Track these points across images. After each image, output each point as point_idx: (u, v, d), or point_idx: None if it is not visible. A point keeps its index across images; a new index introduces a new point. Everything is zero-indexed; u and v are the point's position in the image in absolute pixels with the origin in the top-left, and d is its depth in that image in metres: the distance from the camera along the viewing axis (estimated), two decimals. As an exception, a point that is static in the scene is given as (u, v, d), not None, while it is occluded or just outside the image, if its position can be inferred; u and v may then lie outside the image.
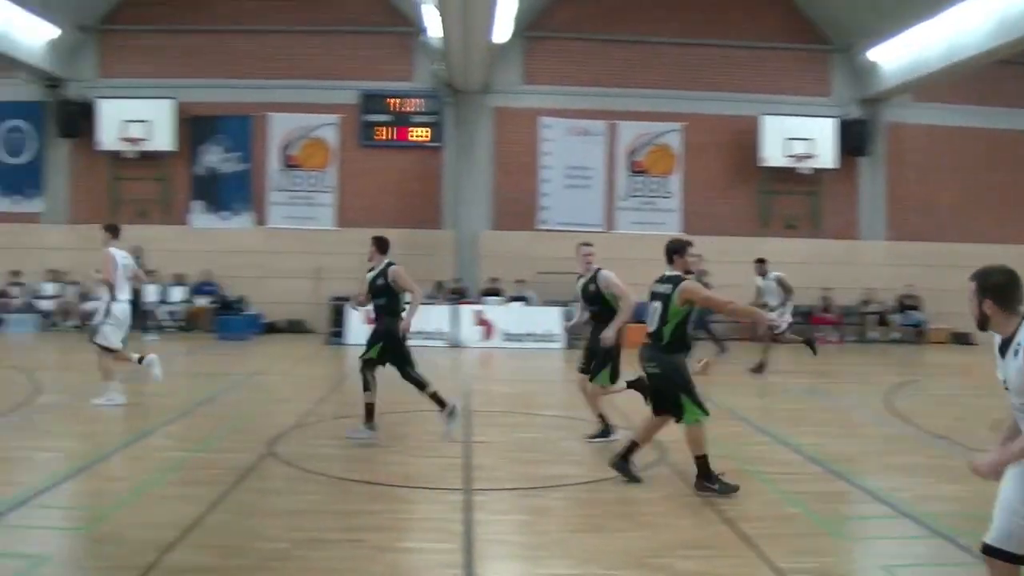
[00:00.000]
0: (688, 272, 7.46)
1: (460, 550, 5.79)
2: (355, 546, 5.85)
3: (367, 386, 9.12)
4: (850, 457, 8.81)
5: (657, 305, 7.33)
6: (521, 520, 6.66)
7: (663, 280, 7.38)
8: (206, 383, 13.60)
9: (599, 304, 9.08)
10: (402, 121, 22.00)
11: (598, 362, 9.01)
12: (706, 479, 7.19)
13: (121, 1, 22.20)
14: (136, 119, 21.54)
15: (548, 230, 22.08)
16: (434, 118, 22.02)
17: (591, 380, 9.16)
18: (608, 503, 7.02)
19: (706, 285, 11.90)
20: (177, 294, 21.40)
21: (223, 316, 20.77)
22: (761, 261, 15.81)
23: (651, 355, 7.38)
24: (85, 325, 17.22)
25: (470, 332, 19.38)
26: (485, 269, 21.73)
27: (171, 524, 6.13)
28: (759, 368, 15.08)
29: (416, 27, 21.19)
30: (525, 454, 8.83)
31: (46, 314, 21.33)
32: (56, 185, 22.44)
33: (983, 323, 4.04)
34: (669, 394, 7.28)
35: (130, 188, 22.28)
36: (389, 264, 9.27)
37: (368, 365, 9.16)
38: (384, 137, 22.02)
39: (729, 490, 7.12)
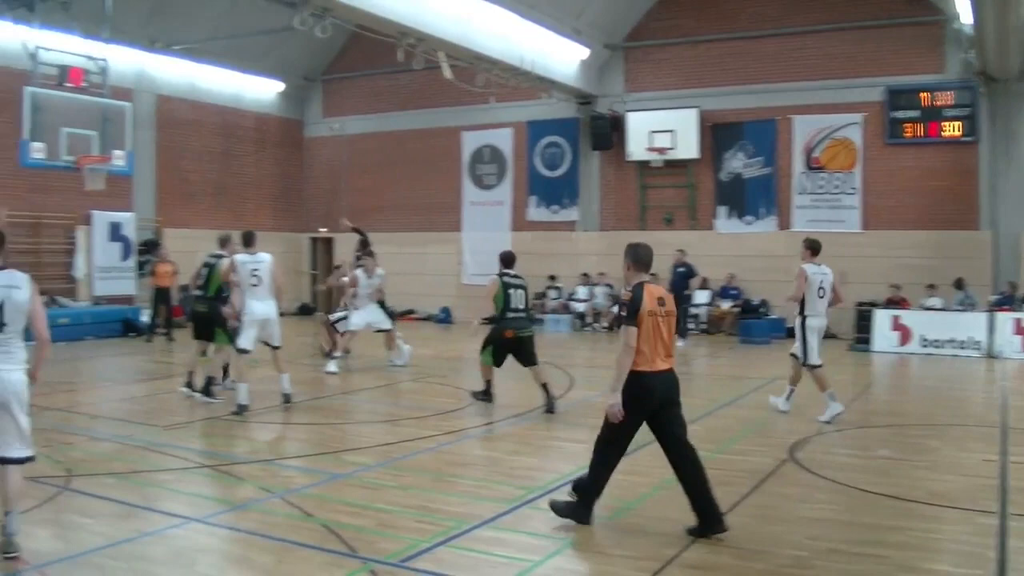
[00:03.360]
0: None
1: (992, 579, 5.32)
2: (877, 561, 5.61)
3: None
4: None
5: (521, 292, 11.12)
6: (1068, 553, 5.96)
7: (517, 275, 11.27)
8: (728, 386, 13.75)
9: None
10: (932, 116, 20.38)
11: None
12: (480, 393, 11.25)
13: (645, 18, 23.34)
14: (662, 129, 22.60)
15: (1108, 228, 19.52)
16: (967, 111, 20.09)
17: None
18: None
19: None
20: (702, 297, 21.97)
21: (745, 320, 21.14)
22: None
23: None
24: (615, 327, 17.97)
25: (1008, 342, 17.88)
26: (1028, 272, 19.79)
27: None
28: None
29: (946, 15, 19.76)
30: (1071, 478, 7.94)
31: (579, 315, 23.12)
32: (589, 195, 24.22)
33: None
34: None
35: (656, 195, 23.37)
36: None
37: None
38: (912, 134, 20.70)
39: (484, 398, 11.19)
